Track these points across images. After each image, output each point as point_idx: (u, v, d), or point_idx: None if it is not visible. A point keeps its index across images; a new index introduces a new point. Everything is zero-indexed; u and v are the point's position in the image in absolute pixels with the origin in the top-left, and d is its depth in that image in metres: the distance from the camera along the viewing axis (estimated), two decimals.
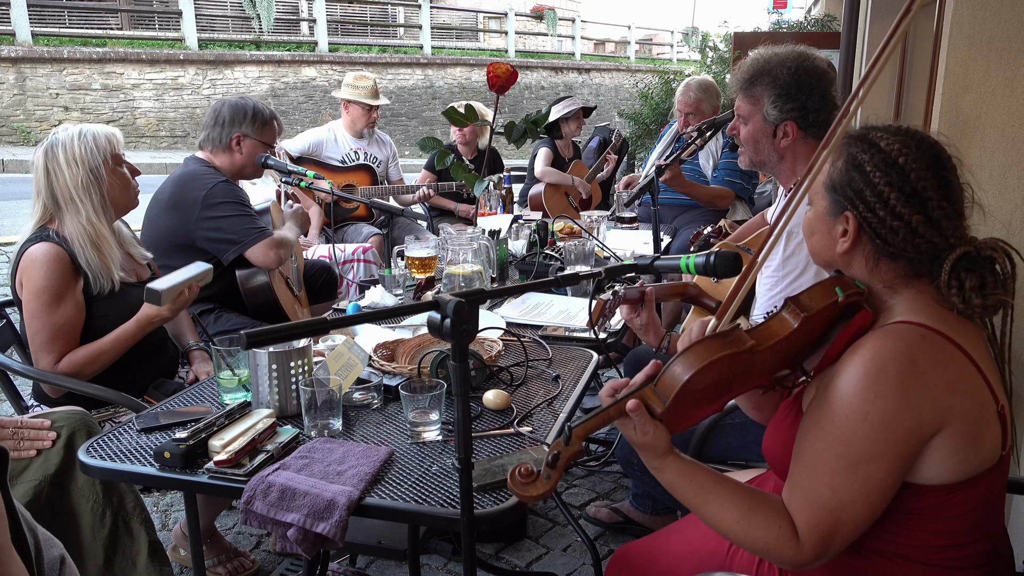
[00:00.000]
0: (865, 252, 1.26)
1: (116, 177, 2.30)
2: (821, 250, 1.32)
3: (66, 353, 2.19)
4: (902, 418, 1.13)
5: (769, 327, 1.24)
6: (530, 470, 1.18)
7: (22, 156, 11.21)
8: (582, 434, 1.20)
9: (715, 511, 1.23)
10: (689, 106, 4.14)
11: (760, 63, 2.06)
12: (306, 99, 15.09)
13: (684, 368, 1.19)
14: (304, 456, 1.52)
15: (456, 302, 1.10)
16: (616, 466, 3.07)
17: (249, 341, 1.03)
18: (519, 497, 1.18)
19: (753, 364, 1.23)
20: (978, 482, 1.19)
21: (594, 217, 3.56)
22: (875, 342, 1.18)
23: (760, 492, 1.25)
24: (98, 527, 1.85)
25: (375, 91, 4.60)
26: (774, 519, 1.19)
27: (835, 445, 1.16)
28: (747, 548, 1.24)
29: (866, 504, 1.15)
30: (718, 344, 1.20)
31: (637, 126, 10.50)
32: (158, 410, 1.79)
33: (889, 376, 1.14)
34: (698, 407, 1.27)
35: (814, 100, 2.01)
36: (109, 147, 2.27)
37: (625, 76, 21.25)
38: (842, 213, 1.25)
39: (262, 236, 2.80)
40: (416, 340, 2.12)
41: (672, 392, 1.19)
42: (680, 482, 1.25)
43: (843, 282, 1.26)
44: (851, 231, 1.24)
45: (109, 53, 12.93)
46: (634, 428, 1.22)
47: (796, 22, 10.68)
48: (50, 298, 2.16)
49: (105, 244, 2.26)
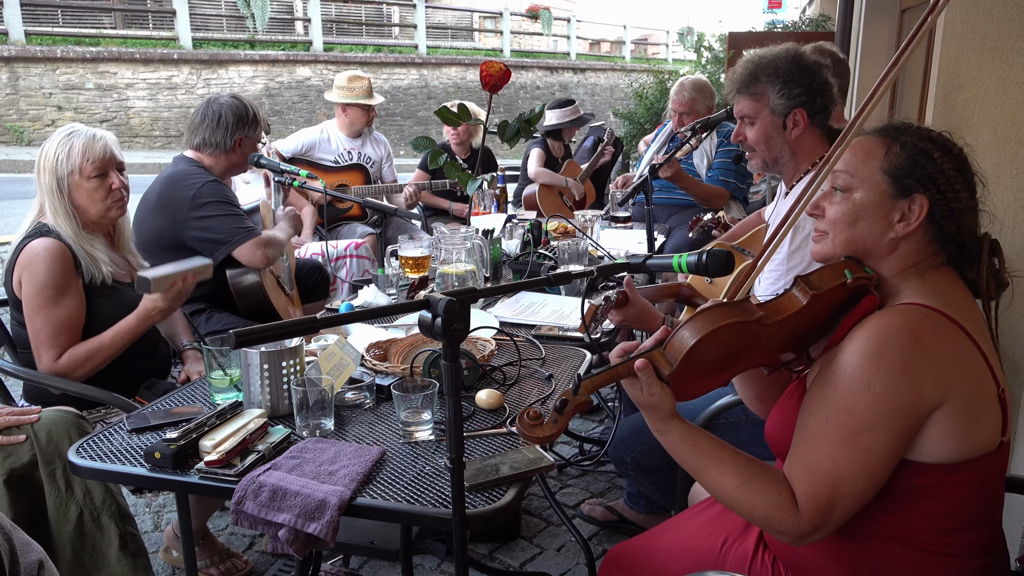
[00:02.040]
0: (923, 236, 1.28)
1: (85, 190, 2.22)
2: (867, 236, 1.30)
3: (68, 348, 2.18)
4: (904, 390, 1.16)
5: (779, 302, 1.27)
6: (538, 412, 1.24)
7: (15, 156, 11.18)
8: (590, 387, 1.25)
9: (716, 477, 1.25)
10: (683, 105, 4.14)
11: (756, 61, 2.07)
12: (301, 99, 15.06)
13: (692, 332, 1.22)
14: (295, 456, 1.51)
15: (447, 301, 1.10)
16: (610, 466, 3.06)
17: (238, 340, 1.02)
18: (525, 438, 1.23)
19: (760, 337, 1.25)
20: (976, 465, 1.21)
21: (588, 216, 3.55)
22: (880, 319, 1.22)
23: (761, 463, 1.27)
24: (63, 522, 1.86)
25: (370, 90, 4.59)
26: (774, 487, 1.21)
27: (837, 415, 1.19)
28: (746, 516, 1.26)
29: (866, 475, 1.17)
30: (727, 311, 1.23)
31: (632, 126, 10.49)
32: (149, 410, 1.78)
33: (892, 349, 1.17)
34: (704, 376, 1.29)
35: (818, 82, 2.04)
36: (82, 158, 2.20)
37: (620, 76, 21.28)
38: (910, 195, 1.26)
39: (250, 235, 2.79)
40: (409, 340, 2.12)
41: (680, 355, 1.22)
42: (683, 446, 1.28)
43: (852, 266, 1.29)
44: (921, 213, 1.26)
45: (103, 52, 12.89)
46: (641, 388, 1.25)
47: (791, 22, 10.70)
48: (54, 293, 2.15)
49: (84, 242, 2.24)
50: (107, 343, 2.22)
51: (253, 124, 2.87)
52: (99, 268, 2.24)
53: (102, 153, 2.24)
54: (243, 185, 3.86)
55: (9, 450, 1.88)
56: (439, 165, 3.04)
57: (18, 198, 8.90)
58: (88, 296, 2.24)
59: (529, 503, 2.84)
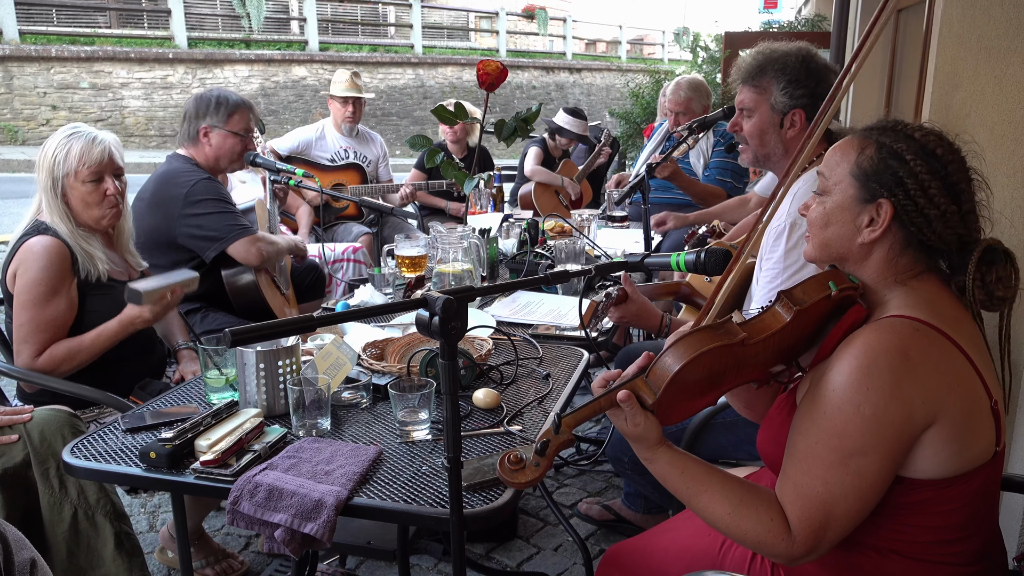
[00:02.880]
0: (891, 242, 1.25)
1: (79, 193, 2.22)
2: (837, 241, 1.28)
3: (48, 347, 2.17)
4: (894, 411, 1.13)
5: (762, 320, 1.24)
6: (519, 457, 1.19)
7: (10, 155, 11.14)
8: (572, 423, 1.21)
9: (707, 503, 1.23)
10: (680, 105, 4.14)
11: (767, 54, 2.06)
12: (296, 98, 15.03)
13: (675, 359, 1.19)
14: (292, 456, 1.50)
15: (444, 299, 1.09)
16: (607, 465, 3.06)
17: (234, 339, 1.01)
18: (507, 484, 1.18)
19: (745, 357, 1.22)
20: (972, 478, 1.19)
21: (585, 216, 3.55)
22: (868, 335, 1.18)
23: (752, 485, 1.25)
24: (57, 521, 1.86)
25: (352, 85, 4.56)
26: (766, 512, 1.19)
27: (827, 438, 1.16)
28: (739, 541, 1.24)
29: (858, 497, 1.15)
30: (709, 336, 1.20)
31: (628, 125, 10.50)
32: (144, 410, 1.77)
33: (881, 368, 1.14)
34: (689, 399, 1.27)
35: (823, 87, 2.01)
36: (78, 162, 2.19)
37: (616, 76, 21.28)
38: (875, 200, 1.23)
39: (244, 232, 2.78)
40: (406, 339, 2.11)
41: (663, 383, 1.19)
42: (671, 473, 1.25)
43: (837, 276, 1.26)
44: (885, 218, 1.23)
45: (97, 52, 12.86)
46: (625, 419, 1.22)
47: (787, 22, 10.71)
48: (45, 291, 2.14)
49: (80, 241, 2.23)
50: (87, 345, 2.21)
51: (215, 111, 2.81)
52: (95, 265, 2.24)
53: (99, 158, 2.22)
54: (239, 184, 3.84)
55: (2, 450, 1.87)
56: (436, 164, 3.03)
57: (12, 197, 8.87)
58: (82, 293, 2.23)
59: (526, 503, 2.84)
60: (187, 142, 2.86)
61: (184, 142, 2.87)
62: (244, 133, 2.87)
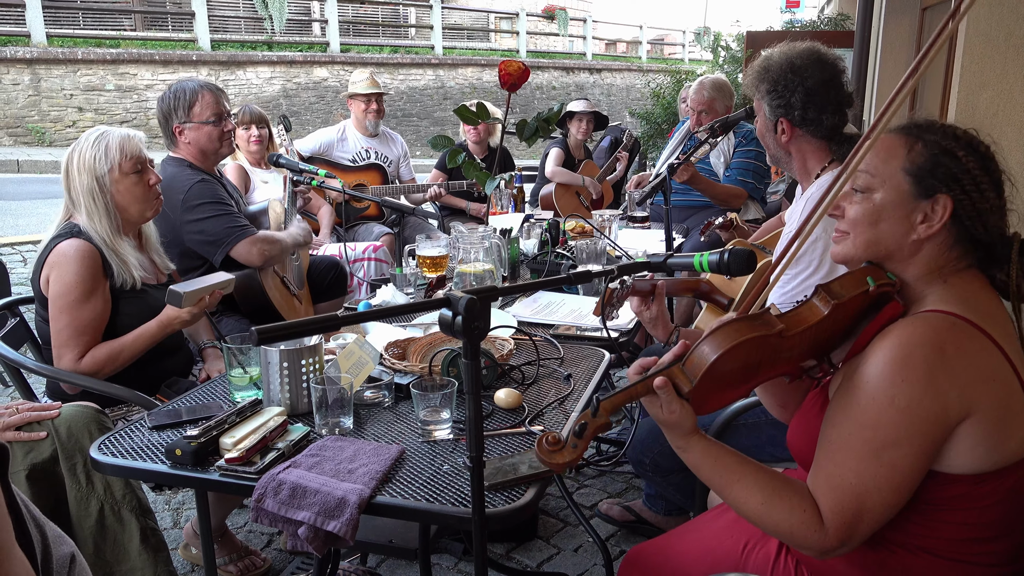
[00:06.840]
0: (944, 237, 1.25)
1: (125, 186, 2.26)
2: (889, 237, 1.27)
3: (89, 349, 2.20)
4: (928, 403, 1.13)
5: (799, 313, 1.24)
6: (557, 438, 1.20)
7: (37, 157, 11.29)
8: (609, 407, 1.22)
9: (739, 493, 1.23)
10: (703, 104, 4.12)
11: (763, 62, 2.07)
12: (318, 99, 15.13)
13: (712, 348, 1.19)
14: (315, 454, 1.51)
15: (468, 299, 1.10)
16: (628, 467, 3.05)
17: (260, 338, 1.02)
18: (545, 464, 1.20)
19: (781, 349, 1.23)
20: (1006, 475, 1.18)
21: (606, 216, 3.54)
22: (903, 329, 1.19)
23: (785, 477, 1.25)
24: (84, 516, 1.88)
25: (372, 82, 4.61)
26: (798, 503, 1.19)
27: (861, 429, 1.16)
28: (771, 532, 1.24)
29: (891, 489, 1.15)
30: (747, 326, 1.20)
31: (649, 126, 10.47)
32: (170, 408, 1.79)
33: (916, 361, 1.14)
34: (725, 389, 1.27)
35: (797, 98, 2.00)
36: (120, 155, 2.24)
37: (637, 76, 21.22)
38: (933, 196, 1.23)
39: (244, 233, 2.79)
40: (427, 339, 2.12)
41: (700, 371, 1.20)
42: (705, 463, 1.26)
43: (875, 272, 1.26)
44: (944, 214, 1.23)
45: (122, 54, 13.01)
46: (660, 406, 1.23)
47: (809, 21, 10.63)
48: (80, 294, 2.17)
49: (119, 246, 2.26)
50: (128, 346, 2.24)
51: (176, 108, 2.76)
52: (130, 272, 2.27)
53: (138, 149, 2.28)
54: (262, 184, 3.88)
55: (31, 445, 1.90)
56: (457, 164, 3.03)
57: (40, 198, 8.99)
58: (114, 298, 2.26)
59: (546, 503, 2.84)
60: (171, 146, 2.86)
61: (169, 146, 2.87)
62: (215, 118, 2.78)
